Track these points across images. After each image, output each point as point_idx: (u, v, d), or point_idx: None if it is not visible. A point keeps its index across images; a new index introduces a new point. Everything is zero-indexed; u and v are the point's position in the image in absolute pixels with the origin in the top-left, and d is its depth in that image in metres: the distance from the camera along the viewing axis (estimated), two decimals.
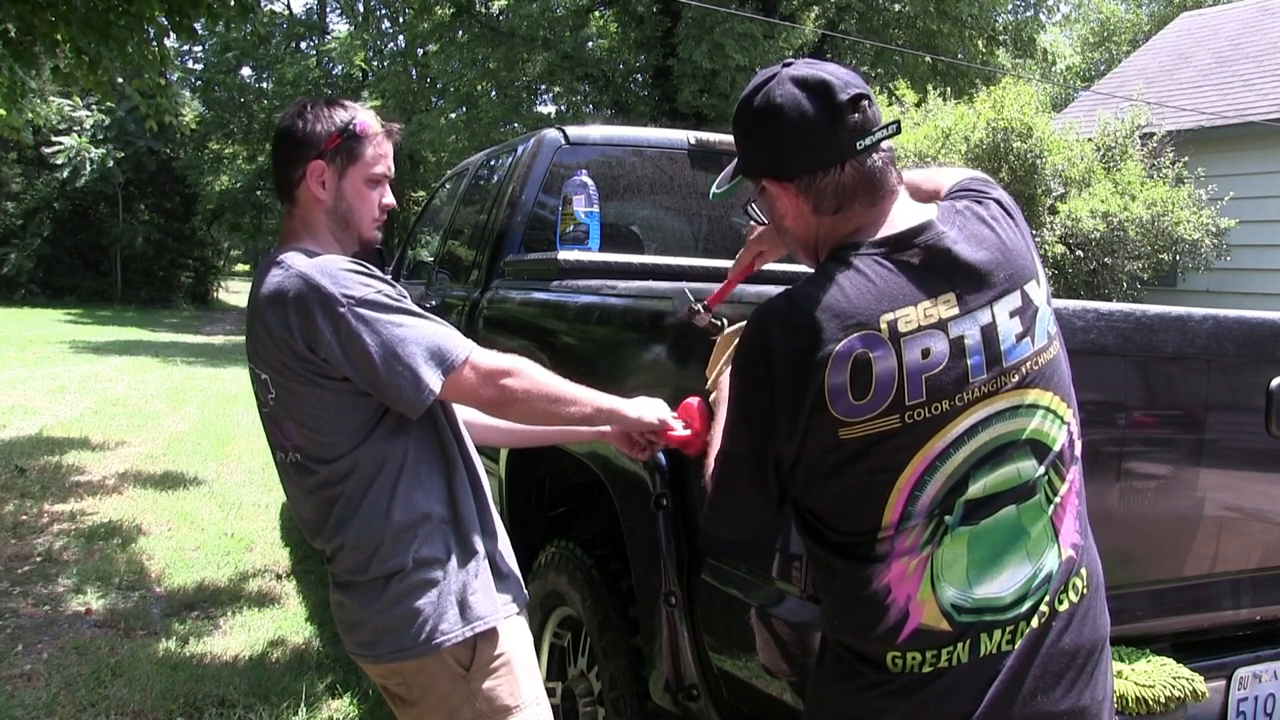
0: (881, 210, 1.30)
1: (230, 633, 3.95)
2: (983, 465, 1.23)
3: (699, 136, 3.65)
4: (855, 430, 1.21)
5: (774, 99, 1.29)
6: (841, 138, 1.26)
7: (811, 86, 1.27)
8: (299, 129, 1.72)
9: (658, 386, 2.02)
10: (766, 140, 1.32)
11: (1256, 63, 11.32)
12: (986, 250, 1.26)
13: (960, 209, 1.31)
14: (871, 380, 1.19)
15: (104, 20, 5.46)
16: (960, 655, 1.24)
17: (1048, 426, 1.26)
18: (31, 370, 11.60)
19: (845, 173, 1.27)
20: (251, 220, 26.93)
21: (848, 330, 1.20)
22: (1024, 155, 8.71)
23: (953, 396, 1.21)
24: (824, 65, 1.31)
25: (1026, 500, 1.25)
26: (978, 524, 1.24)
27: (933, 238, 1.25)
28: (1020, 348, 1.24)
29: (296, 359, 1.62)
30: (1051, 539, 1.27)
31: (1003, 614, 1.24)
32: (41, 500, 5.82)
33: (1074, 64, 25.39)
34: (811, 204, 1.30)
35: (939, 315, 1.22)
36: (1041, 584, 1.26)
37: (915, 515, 1.22)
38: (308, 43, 27.47)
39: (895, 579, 1.24)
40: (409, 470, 1.68)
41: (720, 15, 14.59)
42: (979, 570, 1.24)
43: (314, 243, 1.74)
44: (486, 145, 11.27)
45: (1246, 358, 1.77)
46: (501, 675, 1.73)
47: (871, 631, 1.25)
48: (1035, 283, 1.29)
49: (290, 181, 1.74)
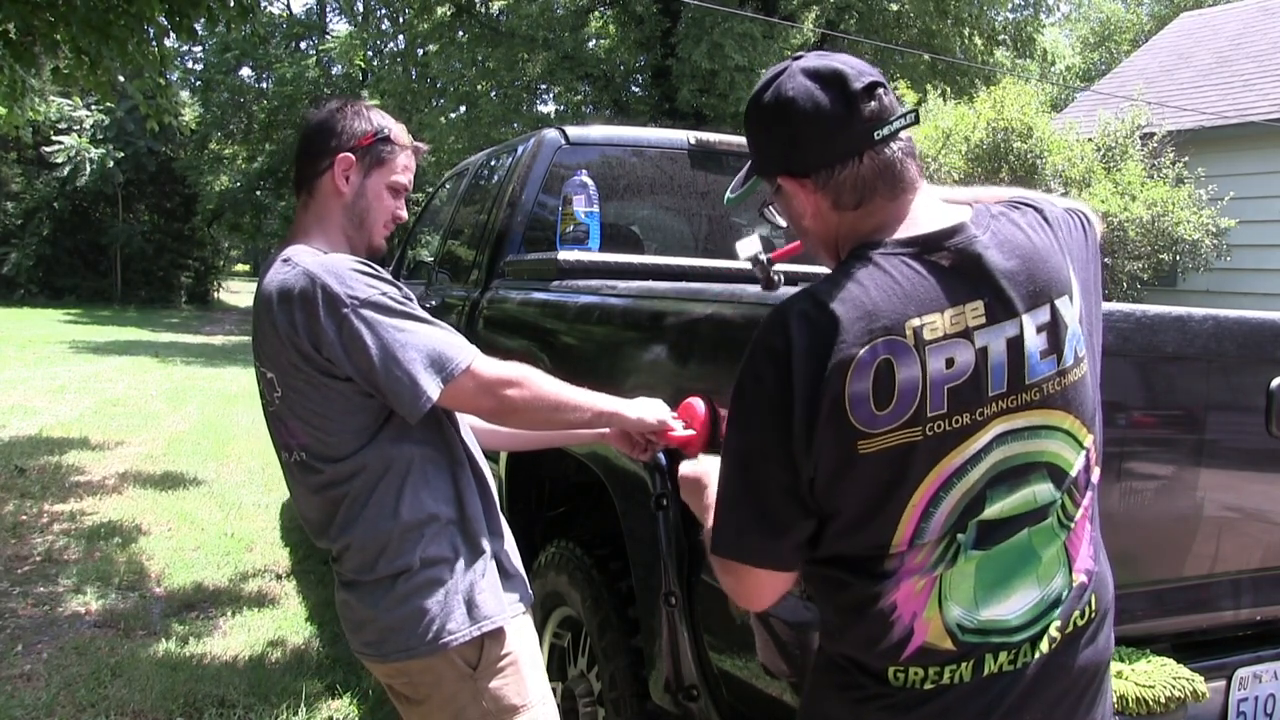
0: (903, 205, 1.24)
1: (230, 633, 3.95)
2: (1000, 484, 1.19)
3: (699, 136, 3.65)
4: (874, 443, 1.15)
5: (785, 92, 1.23)
6: (858, 128, 1.21)
7: (824, 77, 1.22)
8: (336, 121, 1.76)
9: (658, 386, 2.01)
10: (780, 135, 1.27)
11: (1256, 63, 11.32)
12: (1019, 259, 1.20)
13: (996, 213, 1.25)
14: (894, 389, 1.14)
15: (104, 20, 5.46)
16: (963, 674, 1.21)
17: (1065, 451, 1.22)
18: (31, 370, 11.60)
19: (864, 164, 1.21)
20: (251, 220, 26.93)
21: (873, 335, 1.14)
22: (1024, 155, 8.72)
23: (973, 410, 1.16)
24: (836, 56, 1.26)
25: (1039, 523, 1.22)
26: (990, 548, 1.20)
27: (964, 241, 1.20)
28: (1043, 365, 1.19)
29: (302, 358, 1.62)
30: (1063, 563, 1.24)
31: (1009, 636, 1.21)
32: (41, 500, 5.82)
33: (1074, 64, 25.38)
34: (831, 199, 1.24)
35: (966, 324, 1.16)
36: (1050, 608, 1.23)
37: (929, 532, 1.18)
38: (307, 43, 27.47)
39: (903, 597, 1.20)
40: (416, 471, 1.68)
41: (720, 15, 14.58)
42: (987, 591, 1.21)
43: (324, 238, 1.75)
44: (486, 145, 11.27)
45: (1246, 358, 1.77)
46: (508, 674, 1.73)
47: (875, 646, 1.22)
48: (1068, 298, 1.22)
49: (314, 171, 1.76)
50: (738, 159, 3.68)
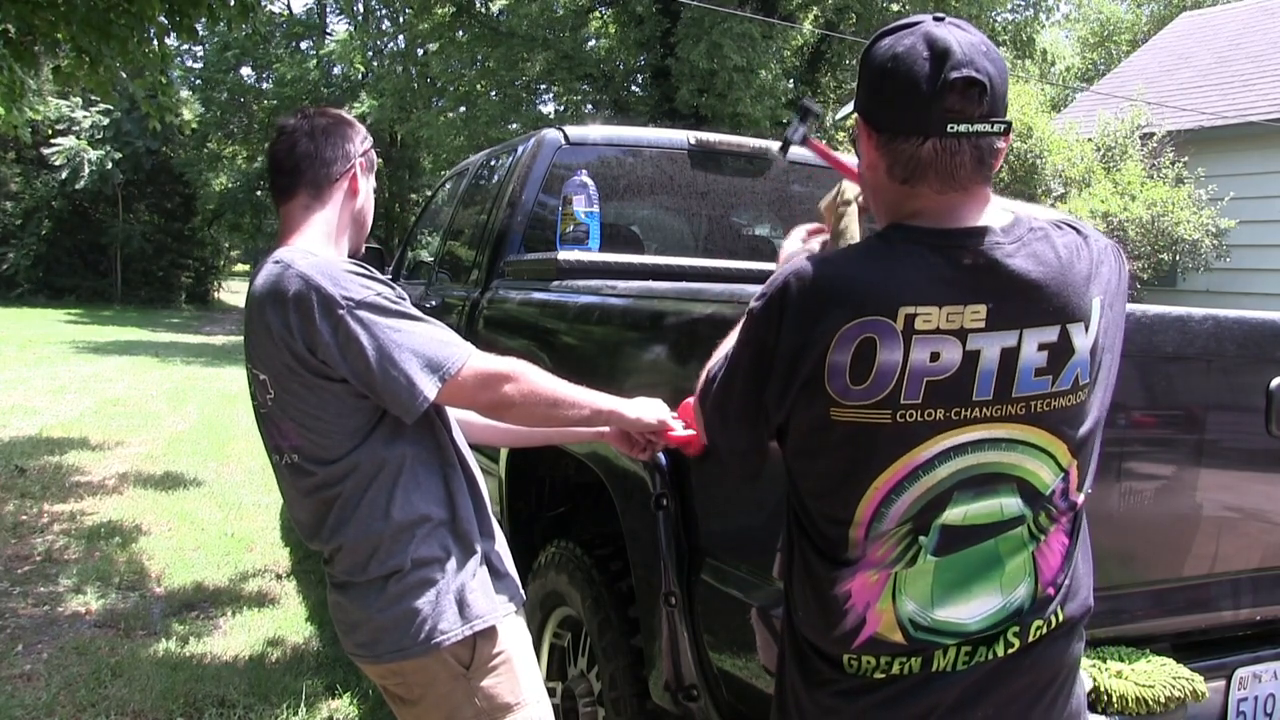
0: (949, 202, 1.23)
1: (230, 633, 3.95)
2: (967, 489, 1.20)
3: (699, 136, 3.65)
4: (845, 414, 1.18)
5: (897, 46, 1.22)
6: (934, 113, 1.18)
7: (936, 50, 1.19)
8: (354, 130, 1.83)
9: (658, 386, 2.01)
10: (870, 81, 1.26)
11: (1256, 63, 11.33)
12: (1041, 274, 1.19)
13: (1035, 225, 1.24)
14: (872, 368, 1.16)
15: (104, 19, 5.46)
16: (912, 666, 1.23)
17: (1042, 470, 1.23)
18: (31, 370, 11.60)
19: (925, 148, 1.20)
20: (251, 220, 26.93)
21: (863, 312, 1.16)
22: (1024, 155, 8.72)
23: (950, 408, 1.18)
24: (967, 36, 1.22)
25: (1008, 533, 1.23)
26: (951, 555, 1.22)
27: (986, 244, 1.20)
28: (1036, 383, 1.19)
29: (296, 359, 1.62)
30: (1030, 574, 1.24)
31: (963, 637, 1.23)
32: (41, 500, 5.82)
33: (1073, 65, 25.38)
34: (886, 163, 1.24)
35: (961, 324, 1.16)
36: (1010, 616, 1.24)
37: (888, 519, 1.20)
38: (307, 43, 27.47)
39: (858, 587, 1.23)
40: (407, 472, 1.69)
41: (719, 15, 14.57)
42: (945, 592, 1.22)
43: (327, 239, 1.77)
44: (486, 145, 11.27)
45: (1246, 358, 1.77)
46: (501, 673, 1.73)
47: (830, 632, 1.26)
48: (1083, 326, 1.21)
49: (330, 175, 1.78)
50: (737, 159, 3.68)
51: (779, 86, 15.61)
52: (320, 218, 1.77)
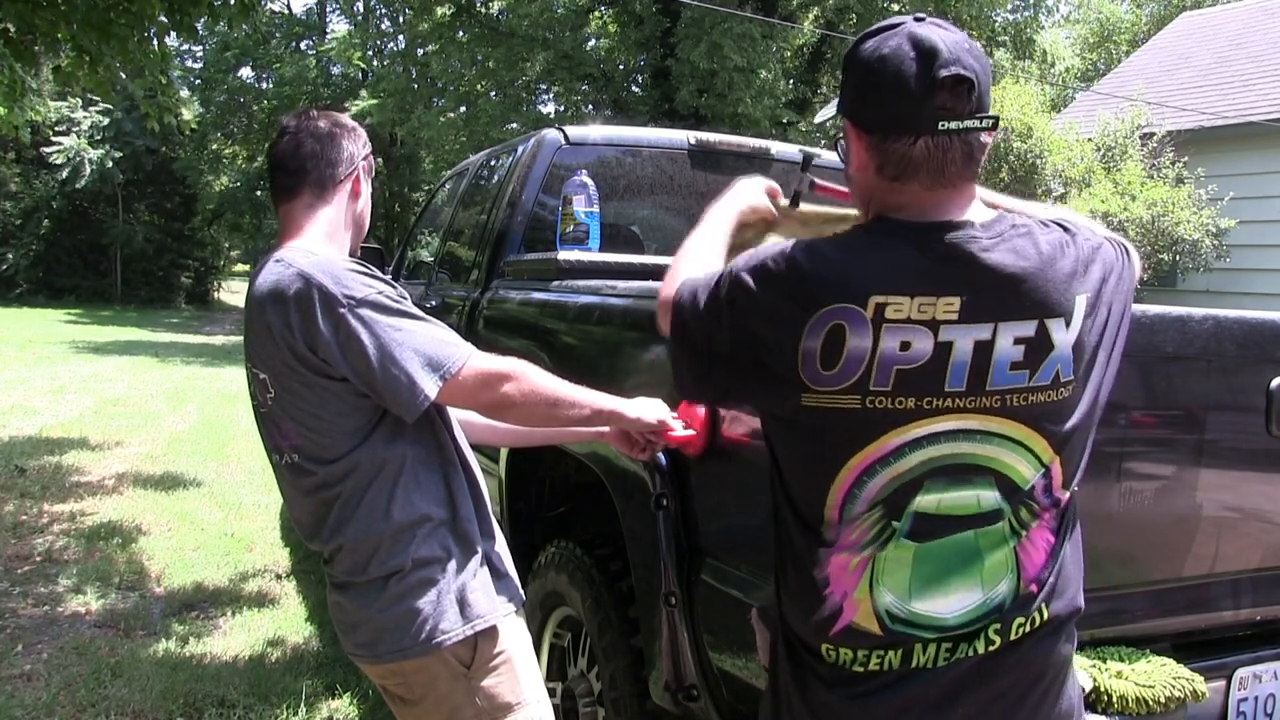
0: (938, 198, 1.24)
1: (230, 633, 3.95)
2: (939, 477, 1.21)
3: (699, 136, 3.65)
4: (816, 399, 1.20)
5: (882, 48, 1.23)
6: (925, 112, 1.20)
7: (922, 49, 1.20)
8: (357, 133, 1.84)
9: (658, 386, 2.01)
10: (856, 83, 1.27)
11: (1256, 63, 11.33)
12: (1019, 268, 1.20)
13: (1018, 222, 1.25)
14: (842, 354, 1.18)
15: (104, 19, 5.46)
16: (892, 661, 1.23)
17: (1020, 464, 1.23)
18: (31, 370, 11.60)
19: (917, 146, 1.21)
20: (251, 220, 26.95)
21: (834, 299, 1.18)
22: (1024, 155, 8.72)
23: (920, 397, 1.18)
24: (951, 35, 1.23)
25: (987, 526, 1.23)
26: (927, 542, 1.22)
27: (963, 237, 1.21)
28: (1011, 377, 1.19)
29: (297, 359, 1.62)
30: (1012, 570, 1.24)
31: (942, 632, 1.23)
32: (41, 500, 5.82)
33: (1073, 65, 25.37)
34: (876, 163, 1.25)
35: (933, 315, 1.17)
36: (991, 613, 1.23)
37: (860, 500, 1.22)
38: (307, 42, 27.47)
39: (835, 572, 1.24)
40: (408, 472, 1.69)
41: (719, 15, 14.58)
42: (922, 584, 1.22)
43: (329, 238, 1.77)
44: (486, 145, 11.27)
45: (1246, 358, 1.77)
46: (502, 673, 1.73)
47: (809, 619, 1.27)
48: (1063, 321, 1.21)
49: (335, 176, 1.79)
50: (737, 159, 3.68)
51: (779, 87, 15.62)
52: (322, 218, 1.78)
